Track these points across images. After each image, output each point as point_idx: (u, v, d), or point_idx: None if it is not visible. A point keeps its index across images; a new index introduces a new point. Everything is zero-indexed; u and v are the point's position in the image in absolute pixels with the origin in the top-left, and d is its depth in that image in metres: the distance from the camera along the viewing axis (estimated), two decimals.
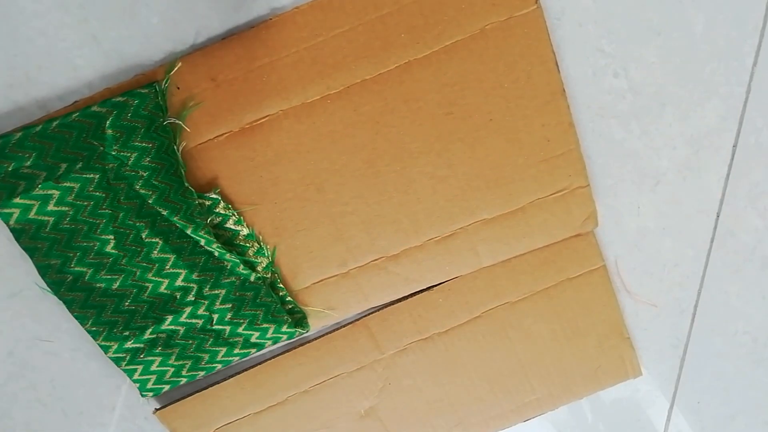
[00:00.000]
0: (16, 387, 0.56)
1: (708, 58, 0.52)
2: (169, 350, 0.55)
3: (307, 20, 0.47)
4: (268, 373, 0.58)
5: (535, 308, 0.59)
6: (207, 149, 0.50)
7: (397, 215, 0.54)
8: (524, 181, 0.53)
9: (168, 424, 0.58)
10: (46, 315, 0.54)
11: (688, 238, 0.59)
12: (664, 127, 0.54)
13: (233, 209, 0.52)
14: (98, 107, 0.47)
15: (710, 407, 0.66)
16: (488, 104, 0.51)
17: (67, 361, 0.56)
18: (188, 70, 0.47)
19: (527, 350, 0.60)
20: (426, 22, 0.48)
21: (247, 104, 0.49)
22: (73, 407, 0.58)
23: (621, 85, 0.53)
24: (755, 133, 0.55)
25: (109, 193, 0.49)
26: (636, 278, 0.60)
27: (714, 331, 0.63)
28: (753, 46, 0.52)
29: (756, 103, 0.54)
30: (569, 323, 0.60)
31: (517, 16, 0.48)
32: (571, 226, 0.56)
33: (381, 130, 0.51)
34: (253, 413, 0.59)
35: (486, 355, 0.60)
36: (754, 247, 0.59)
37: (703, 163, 0.56)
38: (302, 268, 0.55)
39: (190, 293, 0.53)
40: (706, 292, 0.61)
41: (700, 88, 0.53)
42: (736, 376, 0.65)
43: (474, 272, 0.57)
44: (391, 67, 0.49)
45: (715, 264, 0.60)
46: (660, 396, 0.66)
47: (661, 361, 0.64)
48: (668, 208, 0.58)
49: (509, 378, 0.61)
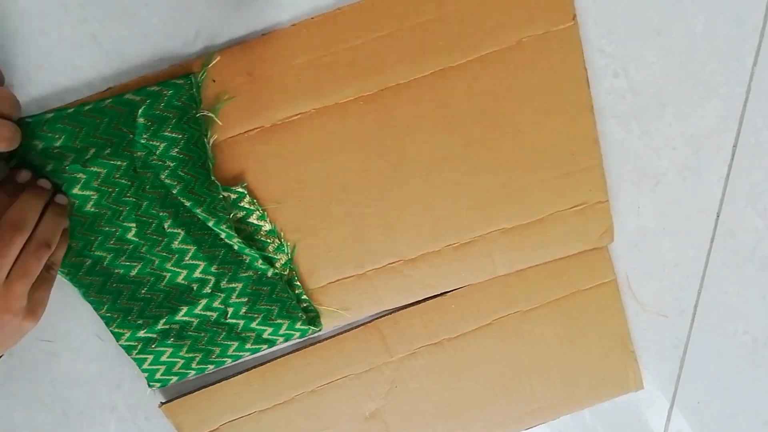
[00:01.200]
0: (16, 387, 0.56)
1: (708, 58, 0.52)
2: (181, 342, 0.54)
3: (348, 22, 0.47)
4: (276, 371, 0.58)
5: (544, 318, 0.60)
6: (236, 143, 0.50)
7: (419, 219, 0.54)
8: (546, 192, 0.54)
9: (173, 418, 0.57)
10: (46, 315, 0.54)
11: (688, 238, 0.59)
12: (664, 127, 0.55)
13: (258, 204, 0.52)
14: (132, 95, 0.46)
15: (710, 407, 0.66)
16: (518, 115, 0.51)
17: (67, 361, 0.56)
18: (226, 63, 0.47)
19: (534, 359, 0.61)
20: (465, 31, 0.48)
21: (281, 101, 0.49)
22: (73, 407, 0.58)
23: (621, 85, 0.53)
24: (755, 133, 0.55)
25: (135, 182, 0.48)
26: (636, 278, 0.60)
27: (714, 331, 0.63)
28: (753, 46, 0.53)
29: (756, 103, 0.54)
30: (577, 334, 0.61)
31: (554, 30, 0.49)
32: (587, 240, 0.57)
33: (410, 135, 0.51)
34: (259, 411, 0.59)
35: (493, 362, 0.61)
36: (754, 247, 0.59)
37: (703, 163, 0.56)
38: (320, 267, 0.55)
39: (207, 285, 0.53)
40: (706, 292, 0.61)
41: (700, 88, 0.53)
42: (736, 376, 0.65)
43: (487, 280, 0.57)
44: (426, 73, 0.49)
45: (715, 264, 0.60)
46: (660, 396, 0.66)
47: (661, 361, 0.64)
48: (668, 208, 0.58)
49: (514, 386, 0.62)
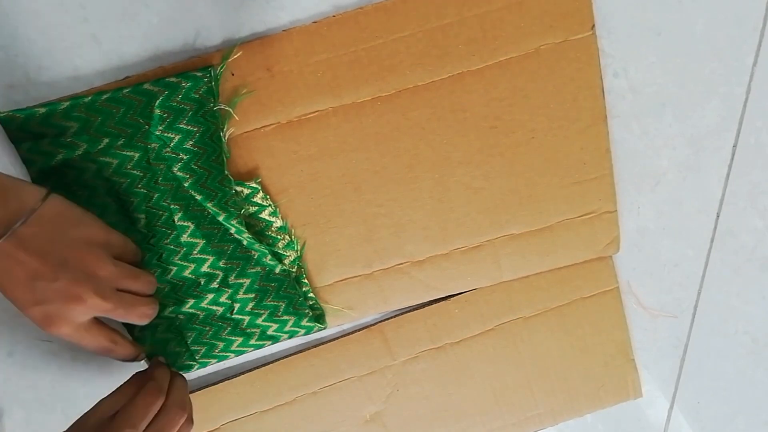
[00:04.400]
0: (16, 387, 0.56)
1: (708, 58, 0.53)
2: (186, 332, 0.54)
3: (369, 21, 0.48)
4: (279, 372, 0.58)
5: (547, 325, 0.60)
6: (252, 138, 0.50)
7: (429, 222, 0.54)
8: (556, 200, 0.55)
9: None
10: None
11: (688, 238, 0.59)
12: (664, 127, 0.55)
13: (271, 200, 0.52)
14: (151, 85, 0.46)
15: (710, 407, 0.66)
16: (532, 122, 0.52)
17: (67, 361, 0.56)
18: (245, 57, 0.47)
19: (535, 365, 0.61)
20: (485, 36, 0.49)
21: (299, 97, 0.49)
22: (73, 407, 0.58)
23: (621, 85, 0.53)
24: (755, 133, 0.55)
25: (147, 173, 0.48)
26: (636, 278, 0.60)
27: (714, 331, 0.63)
28: (753, 46, 0.53)
29: (756, 103, 0.54)
30: (578, 341, 0.61)
31: (572, 39, 0.50)
32: (593, 249, 0.57)
33: (425, 137, 0.52)
34: (260, 411, 0.58)
35: (495, 367, 0.61)
36: (754, 247, 0.59)
37: (703, 163, 0.56)
38: (328, 266, 0.55)
39: (214, 280, 0.52)
40: (706, 292, 0.61)
41: (700, 88, 0.54)
42: (736, 376, 0.65)
43: (492, 285, 0.58)
44: (445, 76, 0.50)
45: (715, 264, 0.60)
46: (660, 396, 0.66)
47: (661, 361, 0.64)
48: (668, 208, 0.58)
49: (515, 391, 0.62)
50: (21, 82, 0.46)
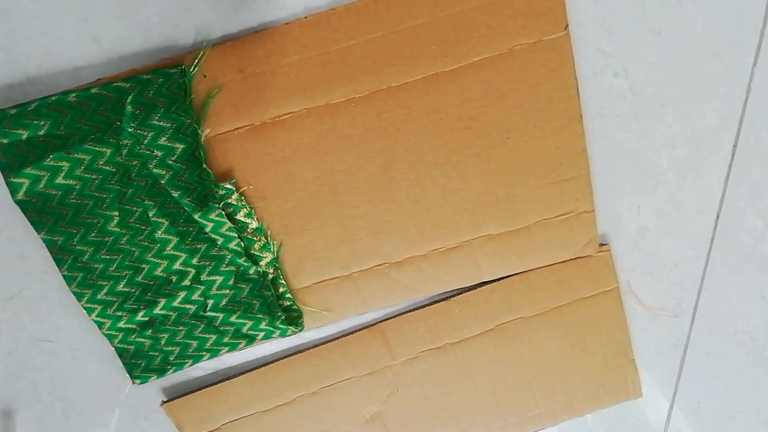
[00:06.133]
0: (16, 387, 0.56)
1: (708, 58, 0.52)
2: (159, 335, 0.55)
3: (341, 23, 0.48)
4: (279, 372, 0.58)
5: (547, 325, 0.59)
6: (226, 140, 0.50)
7: (406, 223, 0.54)
8: (533, 200, 0.54)
9: (174, 417, 0.58)
10: (46, 315, 0.54)
11: (688, 238, 0.59)
12: (664, 127, 0.54)
13: (246, 202, 0.52)
14: (122, 82, 0.47)
15: (710, 407, 0.66)
16: (507, 123, 0.51)
17: (67, 361, 0.56)
18: (217, 59, 0.48)
19: (535, 365, 0.61)
20: (457, 37, 0.48)
21: (272, 99, 0.49)
22: (73, 407, 0.58)
23: (621, 85, 0.53)
24: (755, 133, 0.55)
25: (120, 169, 0.49)
26: (636, 278, 0.60)
27: (714, 331, 0.63)
28: (753, 46, 0.52)
29: (756, 103, 0.54)
30: (578, 341, 0.60)
31: (545, 39, 0.49)
32: (572, 249, 0.56)
33: (400, 138, 0.51)
34: (260, 411, 0.59)
35: (495, 367, 0.60)
36: (754, 247, 0.59)
37: (703, 163, 0.56)
38: (305, 267, 0.55)
39: (186, 277, 0.53)
40: (706, 292, 0.61)
41: (700, 88, 0.53)
42: (736, 376, 0.65)
43: (492, 286, 0.57)
44: (418, 77, 0.49)
45: (715, 264, 0.60)
46: (660, 396, 0.66)
47: (661, 361, 0.64)
48: (668, 208, 0.58)
49: (515, 391, 0.61)
50: (21, 82, 0.47)
